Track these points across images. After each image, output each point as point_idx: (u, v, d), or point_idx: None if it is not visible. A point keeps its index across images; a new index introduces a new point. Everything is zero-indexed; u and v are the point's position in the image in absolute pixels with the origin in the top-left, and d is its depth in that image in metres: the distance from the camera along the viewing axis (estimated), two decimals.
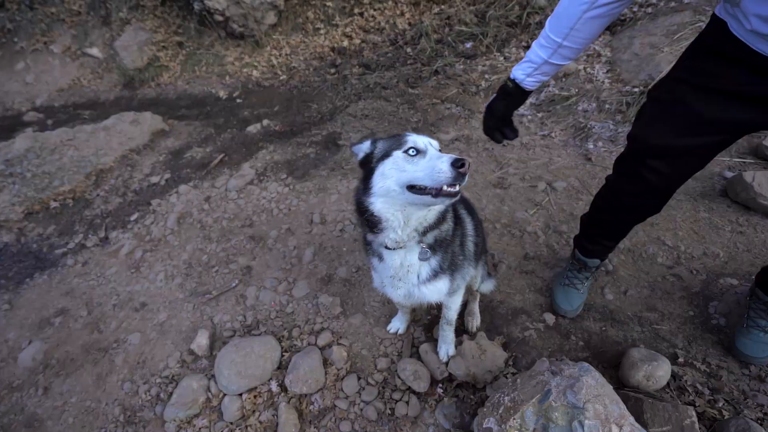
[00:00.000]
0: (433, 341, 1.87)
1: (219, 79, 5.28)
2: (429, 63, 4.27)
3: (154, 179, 3.59)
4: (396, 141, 1.22)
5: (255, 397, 1.84)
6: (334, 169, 3.20)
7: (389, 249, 1.28)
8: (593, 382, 1.17)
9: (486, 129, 1.54)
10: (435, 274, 1.35)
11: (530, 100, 3.37)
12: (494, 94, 1.49)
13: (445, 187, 1.09)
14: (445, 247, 1.34)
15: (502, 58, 3.93)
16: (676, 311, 1.84)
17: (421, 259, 1.32)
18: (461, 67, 4.04)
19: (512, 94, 1.41)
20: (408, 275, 1.35)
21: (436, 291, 1.40)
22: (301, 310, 2.17)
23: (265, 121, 4.09)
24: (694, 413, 1.24)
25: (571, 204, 2.43)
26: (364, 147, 1.31)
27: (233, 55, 5.44)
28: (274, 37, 5.37)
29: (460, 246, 1.44)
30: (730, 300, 1.83)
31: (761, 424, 1.45)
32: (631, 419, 1.15)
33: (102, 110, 5.10)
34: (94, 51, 5.74)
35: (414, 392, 1.75)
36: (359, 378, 1.83)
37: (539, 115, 3.22)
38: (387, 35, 4.89)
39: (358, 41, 5.01)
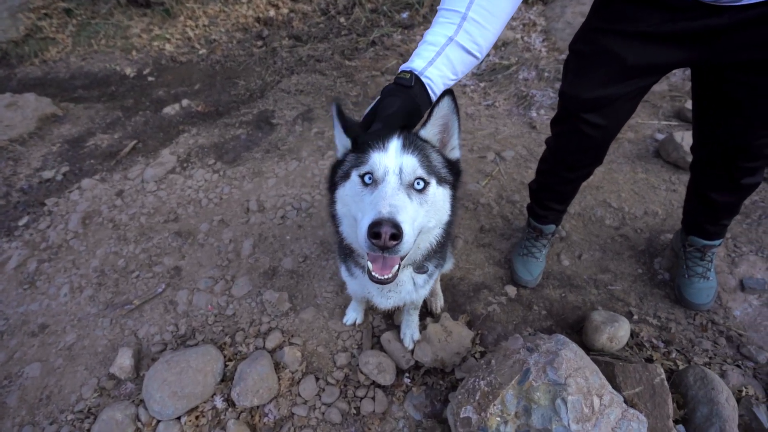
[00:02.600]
0: (395, 328, 1.74)
1: (124, 54, 4.53)
2: (365, 33, 4.01)
3: (48, 174, 2.98)
4: (362, 153, 0.91)
5: (197, 418, 1.58)
6: (270, 150, 2.88)
7: None
8: (572, 356, 1.11)
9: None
10: (431, 275, 1.21)
11: (472, 70, 3.29)
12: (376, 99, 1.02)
13: (367, 259, 0.85)
14: (440, 249, 1.15)
15: None
16: (627, 270, 1.89)
17: (417, 273, 1.16)
18: (399, 37, 3.85)
19: (412, 86, 0.96)
20: (399, 287, 1.19)
21: (430, 287, 1.27)
22: (244, 311, 1.91)
23: (185, 101, 3.59)
24: (662, 371, 1.24)
25: (521, 173, 2.40)
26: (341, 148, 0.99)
27: (139, 26, 4.69)
28: (187, 5, 4.71)
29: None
30: (670, 255, 1.92)
31: (709, 367, 1.53)
32: (609, 387, 1.11)
33: None
34: None
35: (379, 386, 1.61)
36: (317, 379, 1.65)
37: (482, 84, 3.16)
38: (318, 4, 4.51)
39: (285, 11, 4.57)
